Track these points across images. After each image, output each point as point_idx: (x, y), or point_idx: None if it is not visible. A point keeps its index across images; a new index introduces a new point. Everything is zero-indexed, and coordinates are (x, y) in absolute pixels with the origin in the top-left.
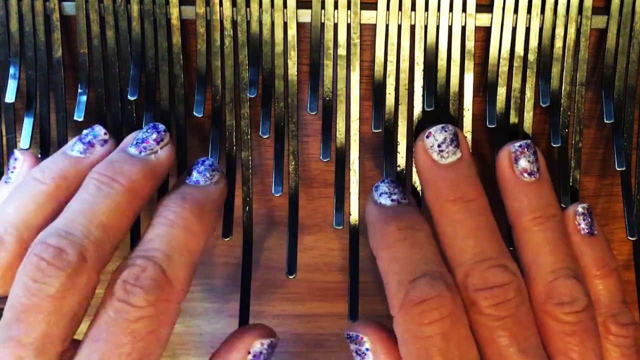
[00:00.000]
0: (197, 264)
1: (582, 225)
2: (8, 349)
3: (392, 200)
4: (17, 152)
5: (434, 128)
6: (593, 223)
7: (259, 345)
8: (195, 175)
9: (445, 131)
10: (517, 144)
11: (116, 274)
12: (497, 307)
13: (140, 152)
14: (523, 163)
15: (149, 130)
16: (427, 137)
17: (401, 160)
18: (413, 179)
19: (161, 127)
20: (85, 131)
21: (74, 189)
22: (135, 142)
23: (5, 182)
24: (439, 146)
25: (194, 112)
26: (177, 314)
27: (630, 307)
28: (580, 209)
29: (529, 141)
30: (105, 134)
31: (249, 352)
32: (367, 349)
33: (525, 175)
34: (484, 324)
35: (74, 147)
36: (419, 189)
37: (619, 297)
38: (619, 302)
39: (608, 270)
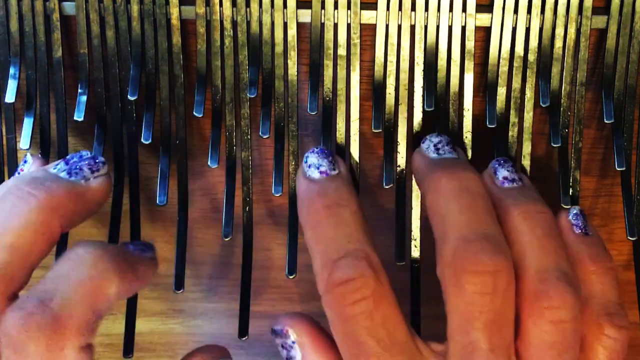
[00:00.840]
0: (102, 311)
1: (577, 224)
2: None
3: (321, 172)
4: (29, 156)
5: (428, 135)
6: (587, 224)
7: None
8: (127, 244)
9: (441, 135)
10: (495, 160)
11: (3, 321)
12: (483, 298)
13: (69, 176)
14: (502, 172)
15: (84, 158)
16: (423, 142)
17: (401, 160)
18: (413, 179)
19: (100, 158)
20: (72, 154)
21: None
22: (67, 167)
23: None
24: (435, 146)
25: (194, 112)
26: (81, 358)
27: (628, 309)
28: (573, 210)
29: (505, 157)
30: (91, 157)
31: None
32: (293, 342)
33: (507, 182)
34: (463, 311)
35: (57, 166)
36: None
37: (615, 298)
38: (614, 303)
39: (605, 267)
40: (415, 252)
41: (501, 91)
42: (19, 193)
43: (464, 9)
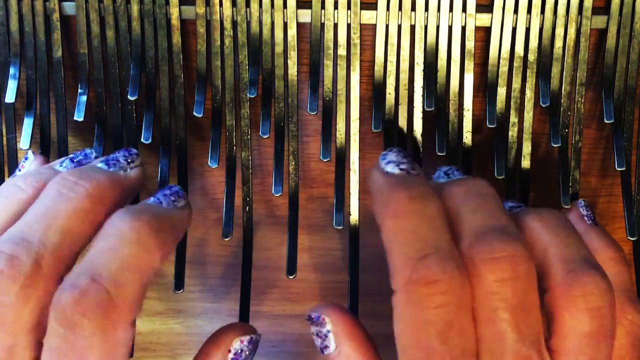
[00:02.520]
0: (147, 284)
1: (587, 215)
2: None
3: (401, 169)
4: (30, 153)
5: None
6: (595, 217)
7: (239, 343)
8: (158, 196)
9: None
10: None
11: (56, 297)
12: (504, 285)
13: (109, 167)
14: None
15: (120, 151)
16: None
17: None
18: None
19: (134, 150)
20: (77, 152)
21: None
22: (105, 159)
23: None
24: (445, 173)
25: (194, 112)
26: (129, 335)
27: None
28: (581, 202)
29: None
30: (96, 157)
31: (229, 351)
32: (328, 331)
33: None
34: (486, 302)
35: (62, 164)
36: None
37: (630, 285)
38: (632, 290)
39: (622, 255)
40: None
41: (501, 91)
42: (65, 183)
43: (464, 9)
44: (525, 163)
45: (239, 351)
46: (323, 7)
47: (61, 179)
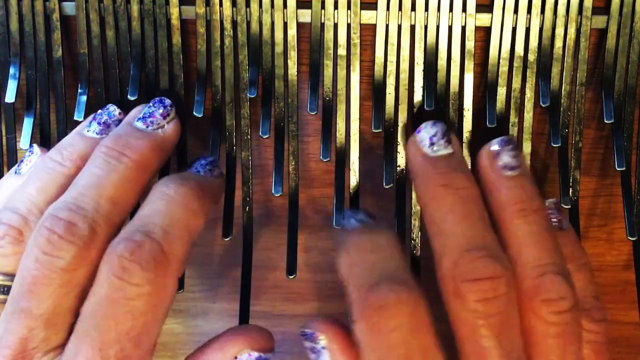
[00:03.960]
0: (193, 243)
1: (552, 218)
2: (19, 320)
3: (358, 221)
4: (35, 147)
5: (424, 124)
6: (562, 217)
7: (247, 356)
8: (195, 166)
9: (436, 126)
10: (497, 139)
11: (111, 248)
12: (486, 304)
13: (147, 127)
14: (505, 158)
15: (155, 105)
16: (418, 132)
17: (401, 160)
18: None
19: (167, 101)
20: (100, 111)
21: None
22: (142, 116)
23: (16, 172)
24: (430, 139)
25: (194, 112)
26: (174, 290)
27: (628, 309)
28: (547, 203)
29: (508, 137)
30: (120, 113)
31: (235, 359)
32: (322, 347)
33: (507, 170)
34: (468, 321)
35: (90, 128)
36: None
37: (591, 292)
38: (590, 297)
39: (578, 264)
40: (416, 252)
41: (501, 91)
42: (111, 153)
43: (464, 9)
44: (526, 163)
45: None
46: (323, 7)
47: (107, 149)
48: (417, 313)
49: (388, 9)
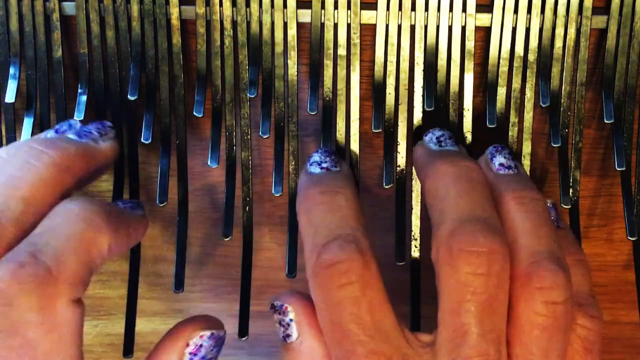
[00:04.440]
0: (93, 264)
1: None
2: None
3: (322, 168)
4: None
5: (430, 130)
6: (558, 217)
7: (198, 337)
8: (83, 128)
9: (443, 130)
10: (492, 146)
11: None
12: (477, 279)
13: (80, 137)
14: (499, 159)
15: (93, 123)
16: (425, 135)
17: (401, 160)
18: (413, 180)
19: (107, 123)
20: (61, 123)
21: None
22: (77, 131)
23: None
24: (437, 138)
25: (194, 112)
26: (73, 312)
27: (628, 309)
28: (548, 203)
29: (502, 144)
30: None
31: (187, 344)
32: (290, 320)
33: (502, 169)
34: (456, 291)
35: (46, 136)
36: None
37: (586, 289)
38: (586, 294)
39: (574, 260)
40: (415, 252)
41: (501, 91)
42: (31, 151)
43: (464, 9)
44: (525, 163)
45: (198, 346)
46: (323, 7)
47: (28, 147)
48: (368, 271)
49: (388, 9)
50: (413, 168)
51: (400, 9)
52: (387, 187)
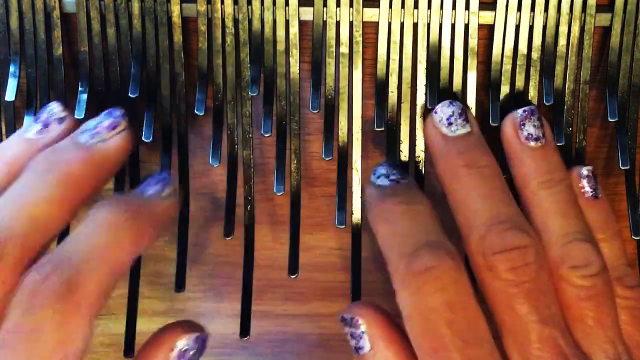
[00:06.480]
0: (118, 275)
1: (587, 189)
2: None
3: (391, 180)
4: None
5: (440, 104)
6: (597, 186)
7: (184, 341)
8: (143, 185)
9: (453, 105)
10: (522, 109)
11: (22, 279)
12: (516, 272)
13: (89, 140)
14: (529, 128)
15: (103, 116)
16: (435, 112)
17: (404, 158)
18: (420, 167)
19: (118, 112)
20: (42, 109)
21: None
22: (87, 129)
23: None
24: (447, 119)
25: (195, 111)
26: (86, 329)
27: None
28: (584, 172)
29: (533, 107)
30: (62, 111)
31: (172, 349)
32: (362, 332)
33: (531, 141)
34: (502, 291)
35: (30, 129)
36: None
37: (623, 260)
38: (623, 265)
39: (611, 233)
40: None
41: (504, 89)
42: (37, 167)
43: (467, 7)
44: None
45: (184, 350)
46: (325, 4)
47: (34, 164)
48: (461, 279)
49: (390, 6)
50: (415, 167)
51: (402, 6)
52: None
